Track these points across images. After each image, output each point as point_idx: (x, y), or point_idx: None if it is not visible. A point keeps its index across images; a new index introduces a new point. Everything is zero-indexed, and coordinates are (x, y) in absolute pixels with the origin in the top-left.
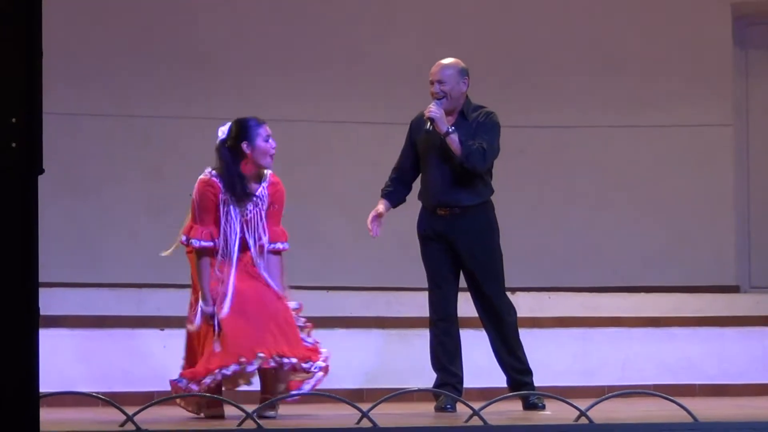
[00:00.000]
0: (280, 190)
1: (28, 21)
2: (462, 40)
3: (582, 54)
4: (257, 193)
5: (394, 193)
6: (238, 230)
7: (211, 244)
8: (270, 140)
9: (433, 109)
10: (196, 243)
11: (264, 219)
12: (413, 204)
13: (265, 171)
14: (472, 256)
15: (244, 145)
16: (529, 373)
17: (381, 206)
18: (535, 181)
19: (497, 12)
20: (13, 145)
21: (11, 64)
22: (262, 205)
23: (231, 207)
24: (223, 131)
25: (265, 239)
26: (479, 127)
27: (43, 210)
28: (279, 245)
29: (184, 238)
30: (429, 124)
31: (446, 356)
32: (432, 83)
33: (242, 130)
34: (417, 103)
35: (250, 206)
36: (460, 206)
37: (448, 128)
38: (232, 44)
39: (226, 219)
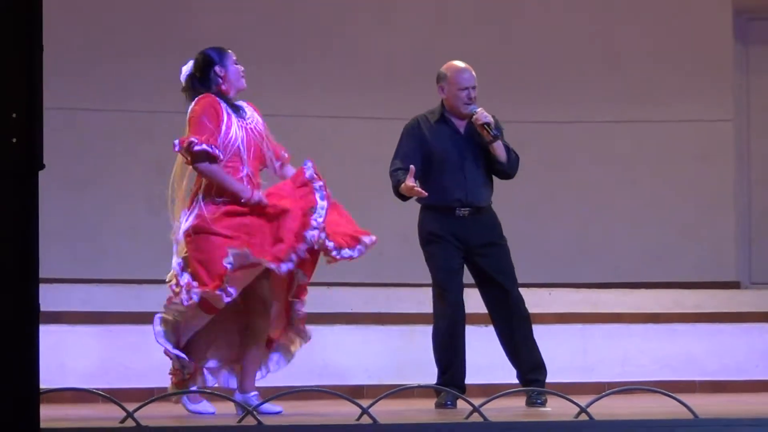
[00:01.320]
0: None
1: (29, 17)
2: (463, 35)
3: (583, 49)
4: (248, 113)
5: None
6: (244, 135)
7: (218, 152)
8: (238, 64)
9: (486, 113)
10: (207, 147)
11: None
12: (414, 200)
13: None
14: (487, 253)
15: (217, 68)
16: (544, 369)
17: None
18: (536, 176)
19: (498, 7)
20: (14, 140)
21: (11, 60)
22: (260, 123)
23: (233, 117)
24: (185, 69)
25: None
26: (510, 150)
27: (43, 205)
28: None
29: (198, 141)
30: (494, 128)
31: (458, 363)
32: (466, 89)
33: (211, 55)
34: (415, 98)
35: (249, 122)
36: (479, 206)
37: (496, 132)
38: (231, 39)
39: (230, 128)
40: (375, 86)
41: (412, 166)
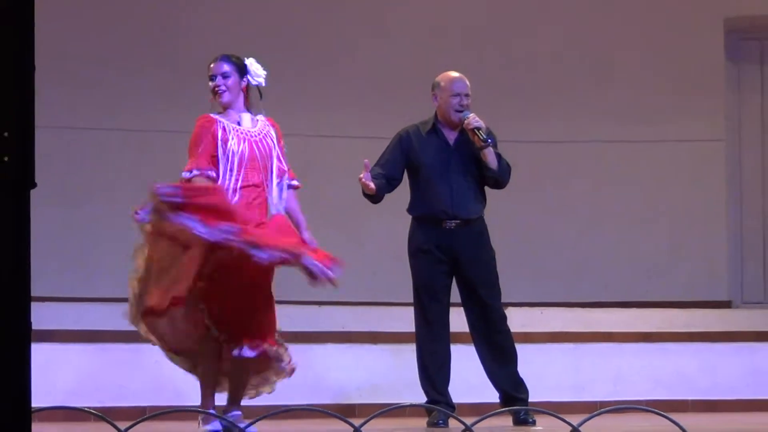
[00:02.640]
0: None
1: (21, 33)
2: (454, 54)
3: (575, 68)
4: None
5: (382, 188)
6: None
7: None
8: (215, 79)
9: (478, 119)
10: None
11: None
12: (407, 219)
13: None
14: (473, 265)
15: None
16: (525, 387)
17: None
18: (528, 195)
19: (490, 26)
20: (6, 158)
21: (3, 77)
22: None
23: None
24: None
25: None
26: (501, 158)
27: (36, 224)
28: None
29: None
30: (485, 135)
31: (437, 375)
32: (458, 95)
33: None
34: (409, 117)
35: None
36: (467, 218)
37: (489, 139)
38: None
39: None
40: (365, 105)
41: (366, 160)
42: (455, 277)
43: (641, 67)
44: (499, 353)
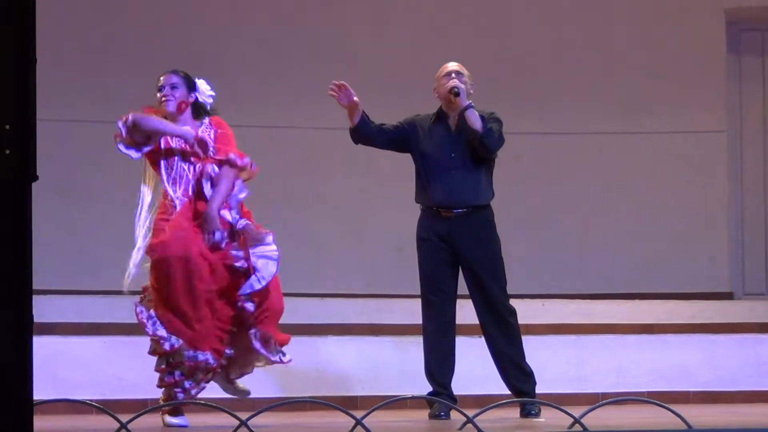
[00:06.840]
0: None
1: (22, 27)
2: (457, 47)
3: (576, 61)
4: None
5: (370, 127)
6: None
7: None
8: (164, 89)
9: (457, 82)
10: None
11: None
12: (407, 211)
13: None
14: (475, 257)
15: None
16: (532, 379)
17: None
18: (530, 187)
19: (491, 19)
20: (7, 152)
21: (4, 71)
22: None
23: None
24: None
25: None
26: (487, 121)
27: (36, 217)
28: None
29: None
30: (454, 94)
31: (438, 367)
32: (449, 74)
33: None
34: (411, 110)
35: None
36: (464, 207)
37: (469, 103)
38: (227, 52)
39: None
40: (370, 98)
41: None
42: (460, 266)
43: (643, 59)
44: (505, 345)
